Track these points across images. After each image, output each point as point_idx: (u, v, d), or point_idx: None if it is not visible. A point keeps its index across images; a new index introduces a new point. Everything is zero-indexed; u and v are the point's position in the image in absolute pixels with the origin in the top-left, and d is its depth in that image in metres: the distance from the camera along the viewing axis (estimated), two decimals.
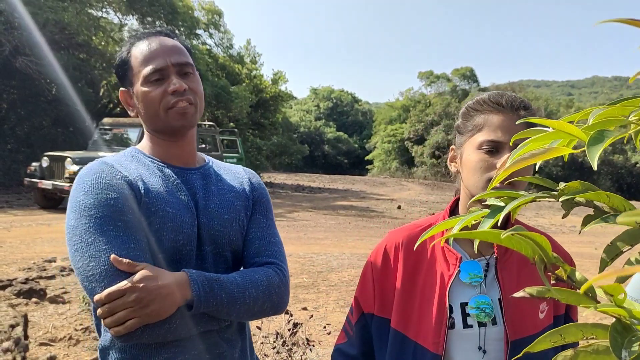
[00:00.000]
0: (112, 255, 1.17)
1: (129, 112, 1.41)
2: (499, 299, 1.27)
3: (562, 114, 41.38)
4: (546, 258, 0.58)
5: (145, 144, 1.42)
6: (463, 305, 1.28)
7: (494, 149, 1.26)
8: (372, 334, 1.39)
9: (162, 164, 1.37)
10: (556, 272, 0.59)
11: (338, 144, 55.86)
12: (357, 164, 52.34)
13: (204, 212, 1.36)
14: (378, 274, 1.39)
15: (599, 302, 0.56)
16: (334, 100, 64.85)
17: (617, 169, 37.56)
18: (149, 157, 1.38)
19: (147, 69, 1.32)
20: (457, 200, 1.40)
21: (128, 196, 1.26)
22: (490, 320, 1.26)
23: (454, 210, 1.39)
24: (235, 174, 1.52)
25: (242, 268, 1.42)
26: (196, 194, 1.37)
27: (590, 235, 12.06)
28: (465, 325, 1.27)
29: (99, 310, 1.16)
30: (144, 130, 1.42)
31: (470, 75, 53.98)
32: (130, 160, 1.36)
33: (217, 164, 1.51)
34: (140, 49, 1.35)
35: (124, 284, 1.15)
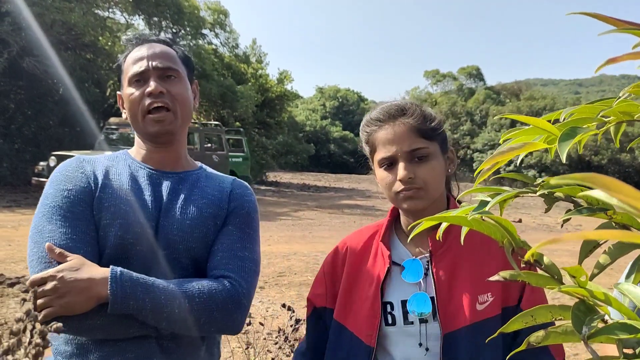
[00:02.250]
0: (47, 243, 1.22)
1: (122, 114, 1.45)
2: (433, 296, 1.31)
3: None
4: (514, 242, 0.63)
5: (134, 148, 1.45)
6: (404, 302, 1.32)
7: (390, 163, 1.32)
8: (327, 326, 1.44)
9: (140, 165, 1.40)
10: (524, 256, 0.63)
11: (344, 143, 55.84)
12: (363, 163, 52.30)
13: (165, 215, 1.34)
14: (329, 270, 1.46)
15: (563, 284, 0.61)
16: (340, 100, 64.82)
17: (624, 167, 37.37)
18: (131, 159, 1.42)
19: (131, 72, 1.37)
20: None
21: (83, 189, 1.30)
22: (432, 316, 1.30)
23: (396, 216, 1.46)
24: (220, 183, 1.47)
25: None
26: (162, 197, 1.36)
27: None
28: (407, 322, 1.31)
29: (27, 293, 1.18)
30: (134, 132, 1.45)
31: (476, 74, 53.89)
32: (110, 160, 1.40)
33: (207, 173, 1.49)
34: (132, 54, 1.41)
35: (47, 272, 1.17)
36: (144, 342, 1.27)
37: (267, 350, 3.52)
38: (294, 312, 3.32)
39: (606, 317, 0.58)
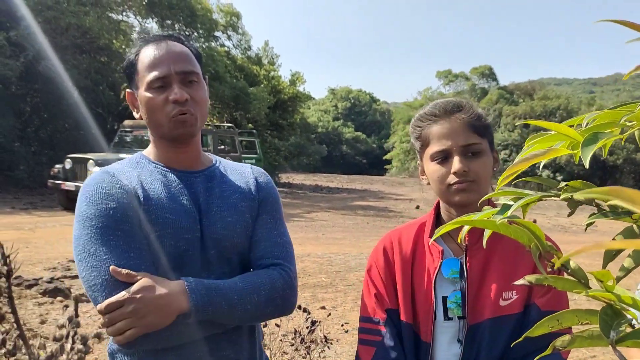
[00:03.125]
0: (112, 267, 1.20)
1: (134, 114, 1.41)
2: (464, 289, 1.36)
3: (584, 112, 40.66)
4: (541, 246, 0.63)
5: (150, 150, 1.43)
6: (444, 299, 1.36)
7: (444, 157, 1.36)
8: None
9: (165, 169, 1.37)
10: (551, 260, 0.64)
11: (356, 144, 55.81)
12: (376, 164, 52.22)
13: (206, 216, 1.35)
14: (383, 271, 1.46)
15: (590, 288, 0.61)
16: (352, 100, 64.78)
17: (639, 167, 36.96)
18: (153, 163, 1.39)
19: (151, 76, 1.32)
20: (439, 203, 1.49)
21: (127, 205, 1.27)
22: (462, 310, 1.35)
23: (438, 213, 1.48)
24: (242, 174, 1.49)
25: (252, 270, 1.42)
26: (199, 198, 1.36)
27: (612, 235, 11.92)
28: (446, 318, 1.36)
29: (101, 320, 1.19)
30: (149, 134, 1.42)
31: (489, 74, 53.59)
32: (134, 167, 1.37)
33: (224, 165, 1.50)
34: (147, 54, 1.34)
35: (122, 295, 1.17)
36: (212, 339, 1.32)
37: (283, 352, 3.54)
38: (309, 313, 3.33)
39: (634, 322, 0.59)
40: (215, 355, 1.33)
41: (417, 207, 17.70)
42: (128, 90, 1.42)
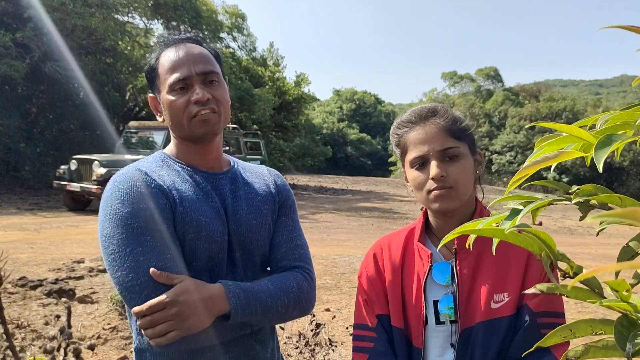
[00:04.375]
0: (152, 269, 1.19)
1: (157, 118, 1.42)
2: (455, 293, 1.35)
3: (590, 113, 40.62)
4: (552, 255, 0.61)
5: (172, 149, 1.43)
6: (435, 303, 1.36)
7: (422, 163, 1.36)
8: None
9: (191, 170, 1.38)
10: (564, 269, 0.62)
11: (361, 145, 55.80)
12: (381, 166, 52.23)
13: (233, 219, 1.37)
14: (373, 277, 1.47)
15: (605, 298, 0.59)
16: (357, 102, 64.79)
17: None
18: (178, 162, 1.39)
19: (172, 78, 1.33)
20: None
21: (163, 206, 1.26)
22: (455, 314, 1.35)
23: (427, 218, 1.48)
24: (260, 175, 1.52)
25: (268, 269, 1.45)
26: (226, 200, 1.38)
27: (619, 238, 11.87)
28: (438, 322, 1.36)
29: (140, 322, 1.18)
30: (171, 135, 1.43)
31: (494, 75, 53.49)
32: (161, 166, 1.37)
33: (242, 166, 1.52)
34: (168, 57, 1.36)
35: (164, 297, 1.17)
36: (242, 340, 1.35)
37: (288, 355, 3.51)
38: (314, 316, 3.31)
39: None
40: (245, 354, 1.36)
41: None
42: (150, 94, 1.43)
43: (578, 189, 0.73)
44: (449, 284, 1.36)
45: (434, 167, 1.32)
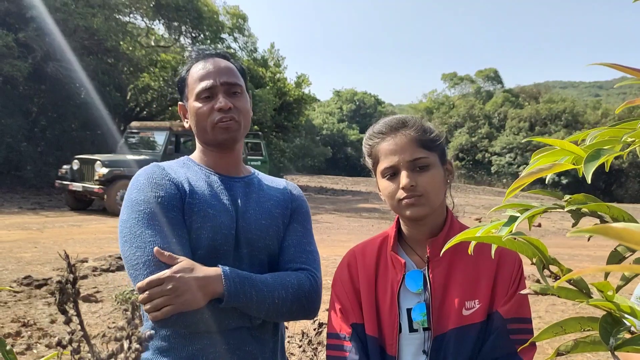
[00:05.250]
0: (156, 248, 1.30)
1: (184, 124, 1.56)
2: (428, 301, 1.37)
3: (589, 115, 40.66)
4: (544, 259, 0.68)
5: (196, 154, 1.56)
6: (409, 311, 1.38)
7: (392, 173, 1.39)
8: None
9: (209, 171, 1.50)
10: (555, 271, 0.69)
11: (361, 146, 55.71)
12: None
13: (242, 217, 1.46)
14: (347, 286, 1.47)
15: (591, 297, 0.66)
16: (357, 102, 64.83)
17: None
18: (198, 165, 1.51)
19: (199, 87, 1.46)
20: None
21: (174, 195, 1.39)
22: (428, 321, 1.37)
23: (399, 226, 1.49)
24: (277, 184, 1.63)
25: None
26: (237, 200, 1.48)
27: (611, 240, 11.88)
28: (411, 330, 1.37)
29: (140, 297, 1.27)
30: (196, 141, 1.55)
31: (494, 77, 53.58)
32: (181, 167, 1.50)
33: (261, 176, 1.63)
34: (197, 69, 1.50)
35: (163, 273, 1.27)
36: (238, 332, 1.40)
37: (290, 353, 3.58)
38: (317, 315, 3.38)
39: (632, 329, 0.63)
40: (240, 349, 1.40)
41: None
42: (180, 102, 1.57)
43: (570, 198, 0.80)
44: (421, 291, 1.38)
45: (404, 177, 1.36)
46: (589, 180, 0.68)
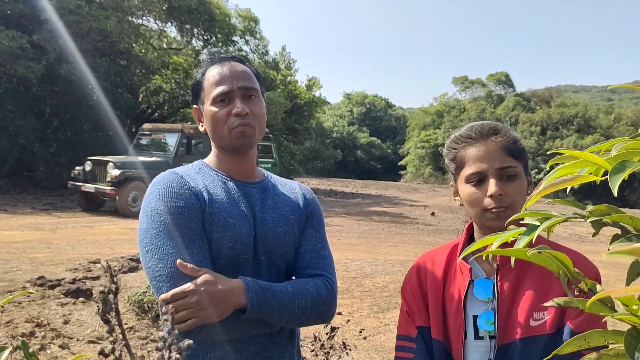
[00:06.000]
0: (178, 260, 1.31)
1: (199, 127, 1.56)
2: (495, 309, 1.37)
3: (602, 120, 40.32)
4: (569, 273, 0.68)
5: (211, 159, 1.55)
6: (475, 318, 1.38)
7: (479, 179, 1.38)
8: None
9: (225, 177, 1.49)
10: (579, 285, 0.69)
11: (371, 149, 55.79)
12: (390, 170, 52.18)
13: (260, 224, 1.46)
14: (415, 290, 1.49)
15: (616, 311, 0.66)
16: (368, 106, 64.79)
17: None
18: (214, 170, 1.51)
19: (216, 91, 1.46)
20: (472, 224, 1.51)
21: (194, 205, 1.39)
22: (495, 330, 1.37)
23: (471, 234, 1.50)
24: (291, 189, 1.62)
25: (293, 278, 1.52)
26: (254, 207, 1.48)
27: None
28: (477, 337, 1.38)
29: (164, 308, 1.29)
30: (211, 145, 1.55)
31: (505, 80, 53.34)
32: (197, 173, 1.49)
33: (275, 179, 1.63)
34: (213, 72, 1.49)
35: (187, 286, 1.28)
36: (259, 340, 1.41)
37: (303, 357, 3.58)
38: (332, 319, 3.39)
39: None
40: (261, 354, 1.42)
41: (432, 214, 17.67)
42: (195, 106, 1.57)
43: (593, 208, 0.80)
44: (489, 299, 1.38)
45: (492, 185, 1.35)
46: (615, 193, 0.68)
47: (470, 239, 1.50)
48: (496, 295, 1.37)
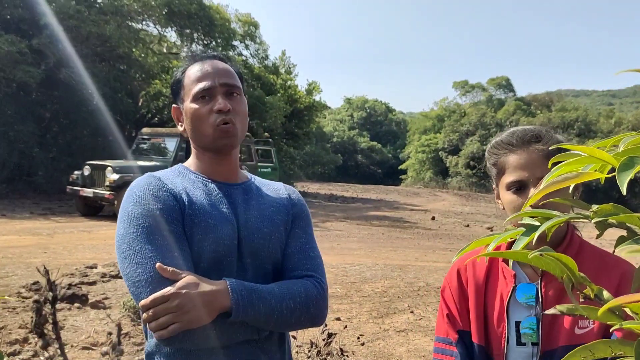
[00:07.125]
0: (158, 264, 1.24)
1: (178, 127, 1.50)
2: (539, 315, 1.34)
3: (602, 124, 40.33)
4: (573, 277, 0.62)
5: (191, 161, 1.49)
6: (518, 324, 1.36)
7: (520, 187, 1.35)
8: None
9: (205, 179, 1.44)
10: (584, 291, 0.63)
11: (371, 153, 55.78)
12: (391, 174, 52.11)
13: (244, 226, 1.40)
14: (456, 293, 1.47)
15: (625, 320, 0.60)
16: (368, 110, 64.87)
17: None
18: (194, 173, 1.45)
19: (197, 88, 1.41)
20: None
21: (173, 207, 1.32)
22: (537, 337, 1.34)
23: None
24: (275, 190, 1.57)
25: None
26: (237, 208, 1.42)
27: None
28: (519, 343, 1.35)
29: (144, 315, 1.22)
30: (191, 146, 1.49)
31: (506, 85, 53.44)
32: (176, 176, 1.43)
33: (258, 181, 1.57)
34: (194, 70, 1.44)
35: (167, 290, 1.21)
36: (246, 346, 1.35)
37: None
38: (326, 325, 3.32)
39: None
40: None
41: (433, 218, 17.61)
42: (174, 105, 1.51)
43: (598, 208, 0.74)
44: (532, 305, 1.35)
45: None
46: (624, 192, 0.62)
47: (512, 242, 1.47)
48: (540, 300, 1.34)
